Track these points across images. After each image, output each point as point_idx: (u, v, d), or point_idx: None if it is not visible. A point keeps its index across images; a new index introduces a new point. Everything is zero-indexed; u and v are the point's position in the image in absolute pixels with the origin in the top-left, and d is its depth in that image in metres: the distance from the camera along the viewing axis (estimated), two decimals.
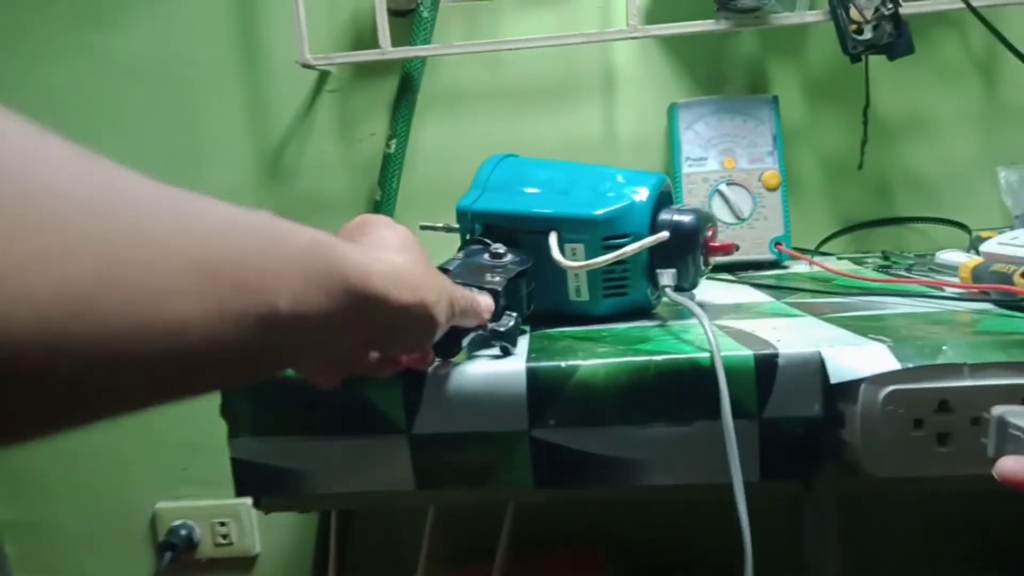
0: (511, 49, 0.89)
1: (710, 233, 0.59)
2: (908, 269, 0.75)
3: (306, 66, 0.90)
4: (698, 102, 0.88)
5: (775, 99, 0.88)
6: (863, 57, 0.81)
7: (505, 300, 0.55)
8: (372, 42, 0.89)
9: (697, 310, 0.49)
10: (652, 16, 0.93)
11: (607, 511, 1.01)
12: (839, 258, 0.90)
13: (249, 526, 1.06)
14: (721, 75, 0.95)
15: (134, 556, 1.09)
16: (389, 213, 0.96)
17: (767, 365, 0.46)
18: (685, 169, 0.86)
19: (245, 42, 0.97)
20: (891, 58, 0.80)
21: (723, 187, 0.86)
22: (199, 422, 1.04)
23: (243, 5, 0.96)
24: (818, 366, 0.45)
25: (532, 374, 0.48)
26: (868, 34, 0.79)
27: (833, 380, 0.45)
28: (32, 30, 0.97)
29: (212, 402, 1.03)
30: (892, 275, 0.73)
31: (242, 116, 0.98)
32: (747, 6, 0.81)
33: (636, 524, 1.01)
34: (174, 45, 0.97)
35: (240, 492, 0.53)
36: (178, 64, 0.97)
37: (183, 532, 1.05)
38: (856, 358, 0.44)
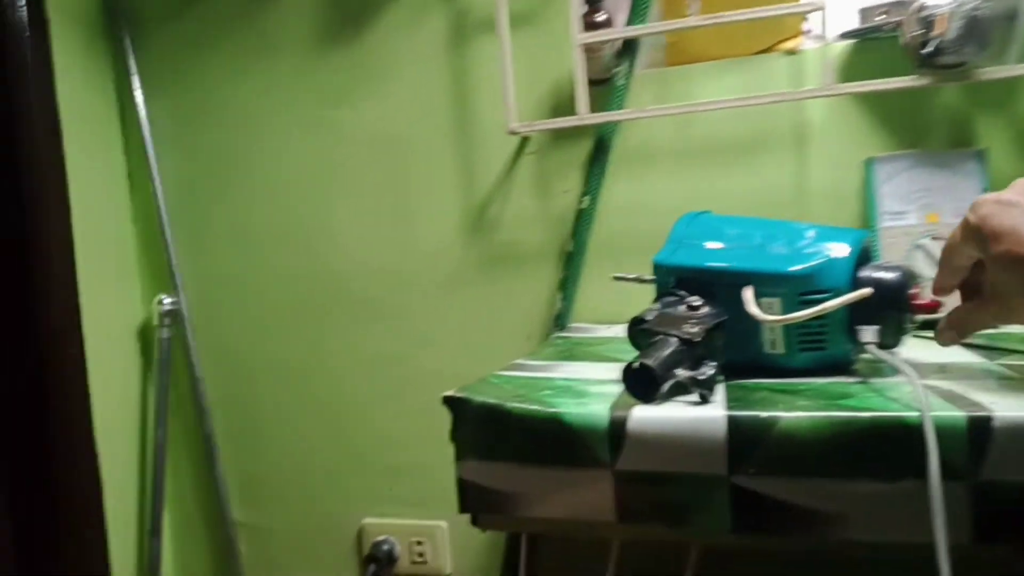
0: (704, 111, 0.93)
1: (915, 291, 0.59)
2: None
3: (512, 133, 1.00)
4: (897, 156, 0.87)
5: (982, 152, 0.85)
6: None
7: (702, 350, 0.58)
8: (570, 109, 0.97)
9: (907, 369, 0.50)
10: (846, 72, 0.93)
11: (794, 563, 0.98)
12: None
13: (443, 547, 1.15)
14: (921, 129, 0.93)
15: (341, 566, 1.22)
16: (580, 264, 1.03)
17: (980, 427, 0.46)
18: (884, 223, 0.85)
19: (457, 113, 1.09)
20: None
21: (926, 241, 0.84)
22: (404, 447, 1.16)
23: (456, 82, 1.09)
24: None
25: (733, 422, 0.51)
26: None
27: None
28: (287, 108, 1.17)
29: (415, 430, 1.14)
30: None
31: (452, 177, 1.10)
32: (949, 62, 0.79)
33: None
34: (397, 118, 1.12)
35: (463, 509, 0.60)
36: (399, 134, 1.12)
37: (385, 547, 1.16)
38: None
